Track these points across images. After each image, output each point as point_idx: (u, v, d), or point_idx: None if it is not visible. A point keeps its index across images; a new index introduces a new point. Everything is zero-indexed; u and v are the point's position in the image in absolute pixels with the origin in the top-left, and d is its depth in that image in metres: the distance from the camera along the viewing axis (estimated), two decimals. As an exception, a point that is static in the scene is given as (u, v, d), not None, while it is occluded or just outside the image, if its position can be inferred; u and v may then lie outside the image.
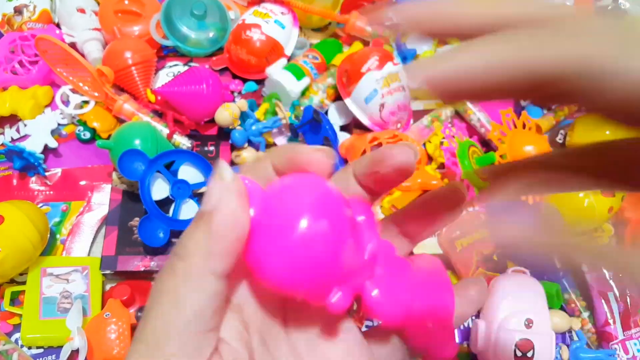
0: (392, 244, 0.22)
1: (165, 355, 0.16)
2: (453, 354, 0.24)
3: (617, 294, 0.59)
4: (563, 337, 0.57)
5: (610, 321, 0.58)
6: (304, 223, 0.17)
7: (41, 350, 0.53)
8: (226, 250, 0.17)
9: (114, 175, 0.62)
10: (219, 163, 0.18)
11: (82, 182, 0.64)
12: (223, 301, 0.18)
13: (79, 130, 0.66)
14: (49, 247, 0.59)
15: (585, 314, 0.60)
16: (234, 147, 0.65)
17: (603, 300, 0.59)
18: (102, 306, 0.56)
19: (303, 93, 0.69)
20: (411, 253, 0.24)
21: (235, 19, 0.73)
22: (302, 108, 0.66)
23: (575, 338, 0.58)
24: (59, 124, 0.67)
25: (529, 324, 0.51)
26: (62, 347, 0.51)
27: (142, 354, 0.17)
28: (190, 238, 0.17)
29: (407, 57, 0.68)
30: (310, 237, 0.17)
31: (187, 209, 0.59)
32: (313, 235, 0.17)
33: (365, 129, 0.67)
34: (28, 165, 0.63)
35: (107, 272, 0.57)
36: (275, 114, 0.66)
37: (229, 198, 0.17)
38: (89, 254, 0.60)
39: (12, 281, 0.56)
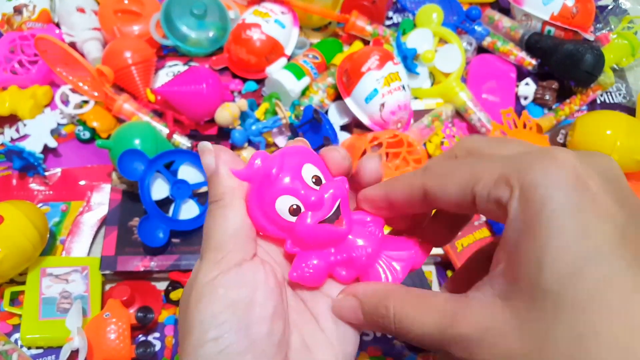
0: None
1: (226, 251, 0.24)
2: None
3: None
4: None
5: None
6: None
7: (41, 351, 0.53)
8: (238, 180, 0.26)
9: (114, 175, 0.62)
10: (200, 145, 0.26)
11: (82, 182, 0.64)
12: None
13: (78, 130, 0.66)
14: (49, 247, 0.59)
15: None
16: (233, 147, 0.65)
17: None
18: (102, 306, 0.55)
19: (303, 92, 0.69)
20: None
21: (235, 19, 0.73)
22: (302, 108, 0.66)
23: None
24: (58, 124, 0.67)
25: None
26: (61, 347, 0.50)
27: (210, 255, 0.24)
28: (213, 187, 0.26)
29: (407, 56, 0.68)
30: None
31: (187, 209, 0.58)
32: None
33: (365, 128, 0.67)
34: (27, 165, 0.63)
35: (107, 272, 0.57)
36: (275, 113, 0.66)
37: (219, 159, 0.26)
38: (88, 254, 0.60)
39: (12, 281, 0.56)
